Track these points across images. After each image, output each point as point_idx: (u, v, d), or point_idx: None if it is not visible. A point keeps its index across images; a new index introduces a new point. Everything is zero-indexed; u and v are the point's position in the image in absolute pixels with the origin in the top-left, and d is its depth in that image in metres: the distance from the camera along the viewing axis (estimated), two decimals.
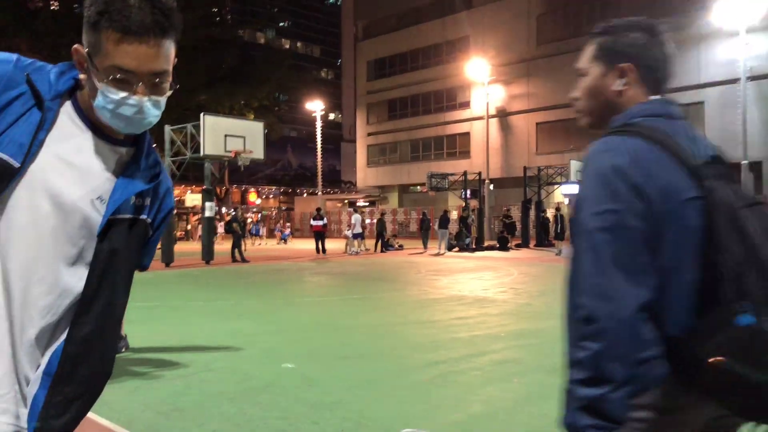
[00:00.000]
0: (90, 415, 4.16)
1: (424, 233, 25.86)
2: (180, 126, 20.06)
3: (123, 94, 1.28)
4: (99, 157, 1.37)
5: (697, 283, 1.30)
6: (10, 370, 1.30)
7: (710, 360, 1.23)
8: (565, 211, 32.99)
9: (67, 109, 1.36)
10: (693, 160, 1.34)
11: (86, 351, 1.35)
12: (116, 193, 1.36)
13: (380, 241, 25.82)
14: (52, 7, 33.95)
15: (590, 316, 1.25)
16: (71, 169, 1.33)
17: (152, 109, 1.33)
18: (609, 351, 1.23)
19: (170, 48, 1.31)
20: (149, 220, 1.47)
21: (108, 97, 1.28)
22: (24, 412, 1.32)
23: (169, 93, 1.36)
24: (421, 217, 28.28)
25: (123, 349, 6.03)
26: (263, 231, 38.51)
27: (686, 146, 1.37)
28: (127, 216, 1.39)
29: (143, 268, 1.62)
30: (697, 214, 1.30)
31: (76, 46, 1.31)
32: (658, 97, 1.50)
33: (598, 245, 1.28)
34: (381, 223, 26.57)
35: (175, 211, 1.77)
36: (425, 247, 25.31)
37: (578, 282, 1.30)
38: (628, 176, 1.29)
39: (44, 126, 1.30)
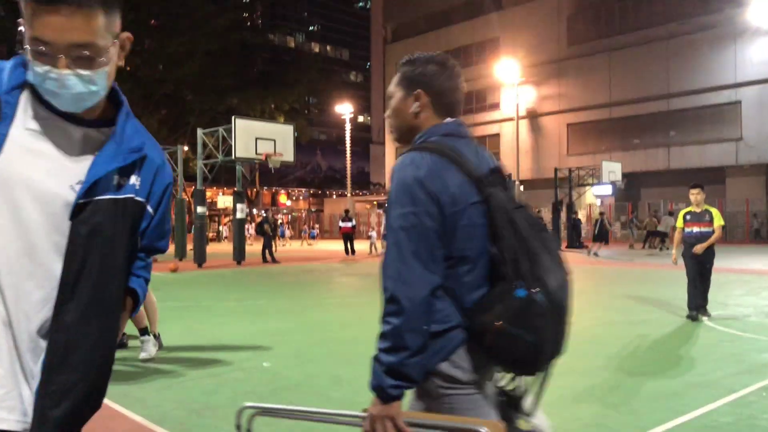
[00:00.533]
0: (123, 411, 4.24)
1: None
2: (212, 129, 20.34)
3: (45, 68, 1.22)
4: (71, 140, 1.33)
5: (484, 266, 1.66)
6: (11, 367, 1.27)
7: (494, 324, 1.57)
8: (594, 215, 32.37)
9: (28, 99, 1.31)
10: (476, 172, 1.68)
11: (75, 338, 1.29)
12: (89, 174, 1.30)
13: None
14: None
15: (392, 297, 1.55)
16: (42, 158, 1.29)
17: (79, 84, 1.25)
18: (407, 325, 1.53)
19: (95, 18, 1.23)
20: (140, 199, 1.40)
21: (35, 71, 1.23)
22: (31, 409, 1.29)
23: (105, 68, 1.28)
24: None
25: (156, 348, 6.14)
26: (288, 233, 38.80)
27: (472, 161, 1.71)
28: (108, 197, 1.33)
29: (161, 251, 1.55)
30: (480, 214, 1.65)
31: (19, 19, 1.24)
32: (450, 119, 1.81)
33: (401, 240, 1.58)
34: None
35: (172, 187, 1.61)
36: None
37: (385, 269, 1.59)
38: (426, 185, 1.61)
39: (4, 120, 1.27)
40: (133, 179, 1.39)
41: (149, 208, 1.44)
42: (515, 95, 35.10)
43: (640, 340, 6.72)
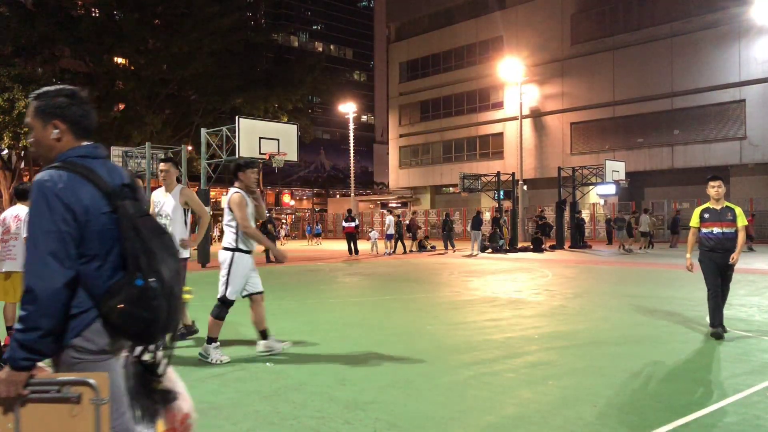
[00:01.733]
0: None
1: (446, 234, 25.88)
2: (215, 129, 20.37)
3: None
4: None
5: (114, 262, 2.12)
6: None
7: (118, 306, 2.03)
8: (604, 212, 32.43)
9: None
10: (107, 187, 2.13)
11: None
12: None
13: (402, 242, 25.79)
14: (93, 14, 34.82)
15: (29, 288, 1.97)
16: None
17: None
18: (39, 311, 1.96)
19: None
20: None
21: None
22: None
23: None
24: (443, 218, 28.19)
25: (186, 338, 6.23)
26: (283, 232, 38.78)
27: (104, 177, 2.15)
28: None
29: None
30: (110, 222, 2.11)
31: None
32: (87, 143, 2.23)
33: (40, 242, 2.00)
34: (400, 225, 26.41)
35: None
36: (445, 247, 25.74)
37: (26, 266, 2.00)
38: (61, 197, 2.03)
39: None
40: None
41: None
42: (519, 94, 35.05)
43: (643, 340, 6.71)
